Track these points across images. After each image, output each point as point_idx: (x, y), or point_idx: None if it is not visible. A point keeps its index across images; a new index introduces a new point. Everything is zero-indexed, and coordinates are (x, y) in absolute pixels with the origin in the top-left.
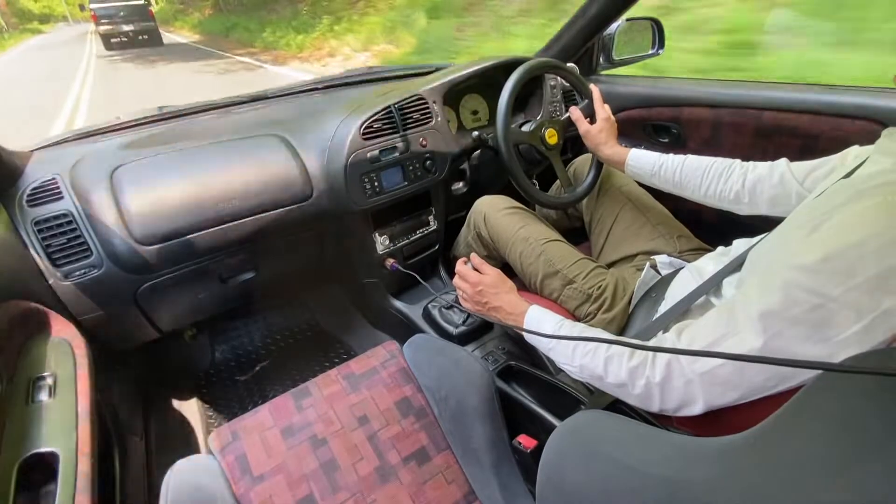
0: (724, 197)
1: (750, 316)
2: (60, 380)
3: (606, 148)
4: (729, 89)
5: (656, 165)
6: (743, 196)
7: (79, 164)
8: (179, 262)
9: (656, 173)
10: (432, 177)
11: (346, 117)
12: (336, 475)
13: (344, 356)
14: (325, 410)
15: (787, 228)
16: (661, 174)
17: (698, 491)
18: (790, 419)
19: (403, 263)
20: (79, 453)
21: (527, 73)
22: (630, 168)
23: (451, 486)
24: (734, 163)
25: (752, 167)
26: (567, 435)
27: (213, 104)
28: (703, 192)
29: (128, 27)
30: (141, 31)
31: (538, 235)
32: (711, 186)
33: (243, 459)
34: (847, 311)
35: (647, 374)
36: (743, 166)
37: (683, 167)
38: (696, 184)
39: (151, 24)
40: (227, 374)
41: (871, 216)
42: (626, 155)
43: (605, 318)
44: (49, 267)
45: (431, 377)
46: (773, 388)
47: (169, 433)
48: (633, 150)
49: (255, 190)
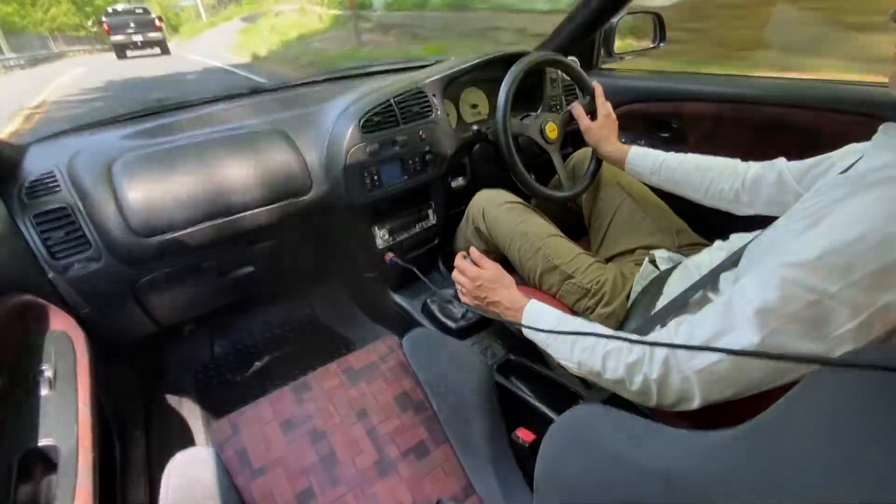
0: (725, 196)
1: (747, 312)
2: (60, 373)
3: (607, 145)
4: (730, 84)
5: (657, 164)
6: (742, 195)
7: (77, 157)
8: (178, 255)
9: (656, 171)
10: (432, 171)
11: (346, 111)
12: (335, 468)
13: (343, 350)
14: (324, 404)
15: (784, 224)
16: (661, 173)
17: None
18: (787, 413)
19: (403, 258)
20: (79, 446)
21: (527, 66)
22: (630, 166)
23: (450, 479)
24: (735, 162)
25: (751, 167)
26: (565, 429)
27: (212, 97)
28: (703, 192)
29: (137, 37)
30: (149, 41)
31: (537, 230)
32: (712, 186)
33: (243, 452)
34: (844, 307)
35: (644, 369)
36: (743, 166)
37: (684, 166)
38: (696, 183)
39: (159, 35)
40: (227, 367)
41: (868, 212)
42: (627, 153)
43: (603, 312)
44: (48, 260)
45: (430, 371)
46: (770, 384)
47: (169, 426)
48: (634, 148)
49: (254, 183)
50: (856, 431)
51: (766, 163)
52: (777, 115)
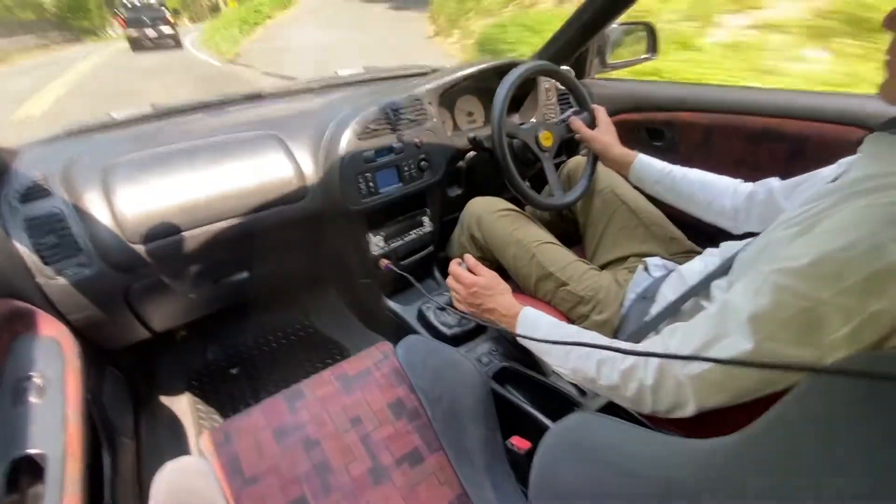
0: (726, 214)
1: (740, 319)
2: (49, 380)
3: (616, 148)
4: (721, 94)
5: (662, 174)
6: (739, 213)
7: (70, 162)
8: (171, 261)
9: (660, 181)
10: (427, 178)
11: (342, 117)
12: (329, 476)
13: (337, 357)
14: (317, 411)
15: (775, 232)
16: (664, 183)
17: (690, 492)
18: (780, 421)
19: (397, 264)
20: (67, 455)
21: (524, 74)
22: (636, 172)
23: (444, 487)
24: (736, 182)
25: (747, 186)
26: (560, 436)
27: (207, 102)
28: (705, 207)
29: (151, 32)
30: (163, 35)
31: (531, 238)
32: (715, 202)
33: (235, 461)
34: (836, 314)
35: (639, 376)
36: (743, 185)
37: (688, 179)
38: (699, 198)
39: (172, 30)
40: (220, 374)
41: (858, 220)
42: (634, 158)
43: (597, 319)
44: (39, 266)
45: (425, 378)
46: (763, 390)
47: (160, 434)
48: (641, 156)
49: (249, 189)
50: (847, 439)
51: (761, 181)
52: (765, 125)
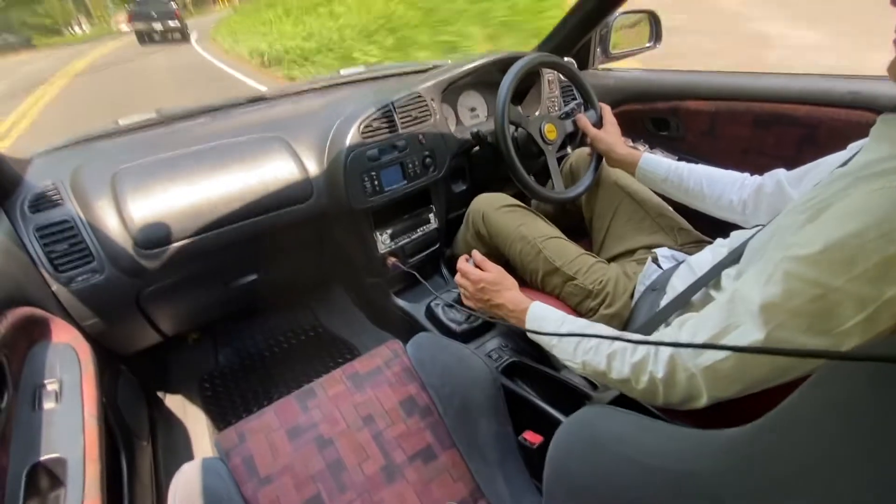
0: (734, 208)
1: (751, 308)
2: (66, 385)
3: (621, 148)
4: (726, 80)
5: (669, 171)
6: (748, 206)
7: (79, 170)
8: (181, 265)
9: (667, 178)
10: (432, 174)
11: (345, 117)
12: (342, 475)
13: (348, 356)
14: (330, 411)
15: (784, 219)
16: (672, 180)
17: (705, 484)
18: (796, 410)
19: (405, 262)
20: (86, 458)
21: (526, 66)
22: (642, 172)
23: (458, 483)
24: (743, 175)
25: (755, 179)
26: (573, 430)
27: (212, 106)
28: (713, 202)
29: (158, 26)
30: (170, 29)
31: (537, 233)
32: (723, 197)
33: (250, 461)
34: (849, 301)
35: (650, 368)
36: (750, 178)
37: (695, 176)
38: (707, 193)
39: (179, 24)
40: (232, 376)
41: (870, 203)
42: (639, 158)
43: (607, 313)
44: (51, 273)
45: (436, 375)
46: (776, 380)
47: (175, 436)
48: (646, 155)
49: (255, 192)
50: (868, 426)
51: (769, 173)
52: (774, 109)
